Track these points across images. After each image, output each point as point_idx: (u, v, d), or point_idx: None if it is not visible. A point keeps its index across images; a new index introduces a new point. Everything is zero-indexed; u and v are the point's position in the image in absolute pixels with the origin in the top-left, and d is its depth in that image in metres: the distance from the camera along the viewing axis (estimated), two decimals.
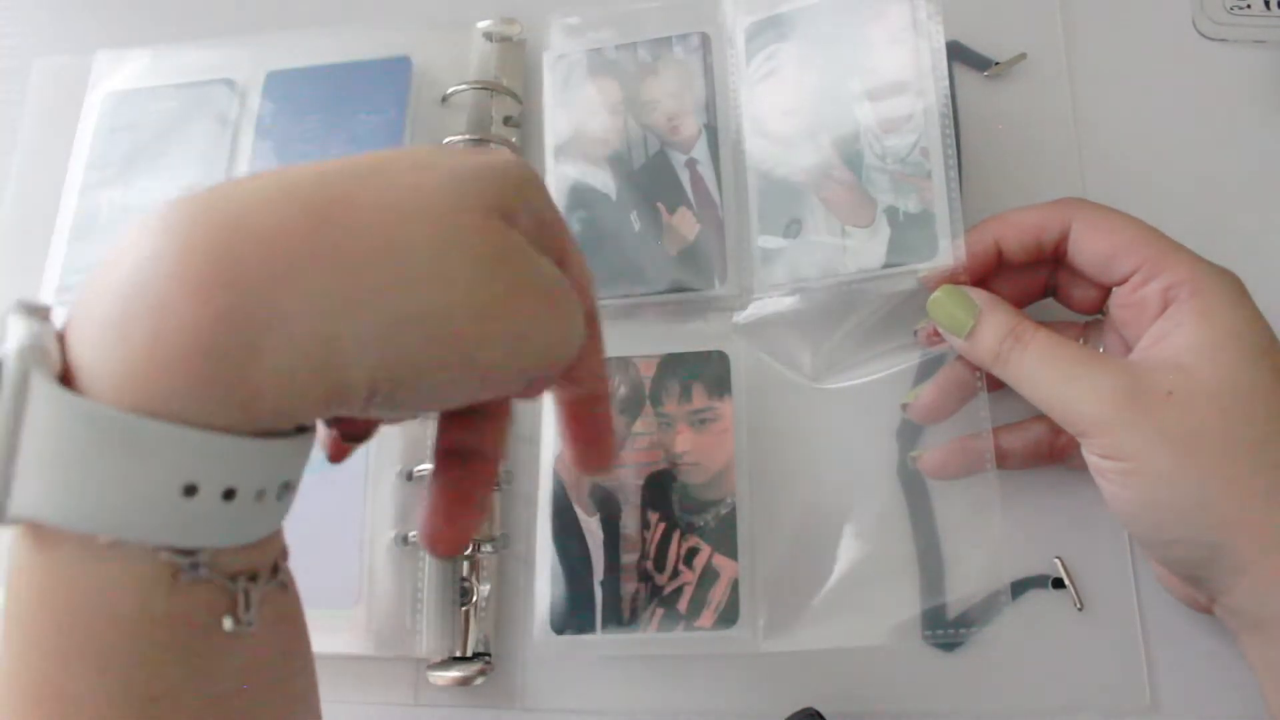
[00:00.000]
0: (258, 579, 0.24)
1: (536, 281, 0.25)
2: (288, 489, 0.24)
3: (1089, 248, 0.34)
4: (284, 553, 0.26)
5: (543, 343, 0.26)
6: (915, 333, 0.38)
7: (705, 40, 0.45)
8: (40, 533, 0.21)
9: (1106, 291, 0.36)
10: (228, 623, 0.23)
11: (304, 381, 0.22)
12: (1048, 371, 0.33)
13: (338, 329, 0.22)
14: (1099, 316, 0.37)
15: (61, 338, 0.21)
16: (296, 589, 0.27)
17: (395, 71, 0.47)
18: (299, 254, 0.22)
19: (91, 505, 0.20)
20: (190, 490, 0.21)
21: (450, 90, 0.47)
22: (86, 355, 0.21)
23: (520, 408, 0.44)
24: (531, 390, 0.29)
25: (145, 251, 0.21)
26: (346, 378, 0.22)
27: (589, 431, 0.33)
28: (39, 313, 0.22)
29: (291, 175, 0.23)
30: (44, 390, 0.20)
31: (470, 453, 0.30)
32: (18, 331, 0.21)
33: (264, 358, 0.21)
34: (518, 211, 0.26)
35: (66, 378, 0.21)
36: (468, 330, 0.24)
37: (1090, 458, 0.33)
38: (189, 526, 0.22)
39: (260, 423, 0.22)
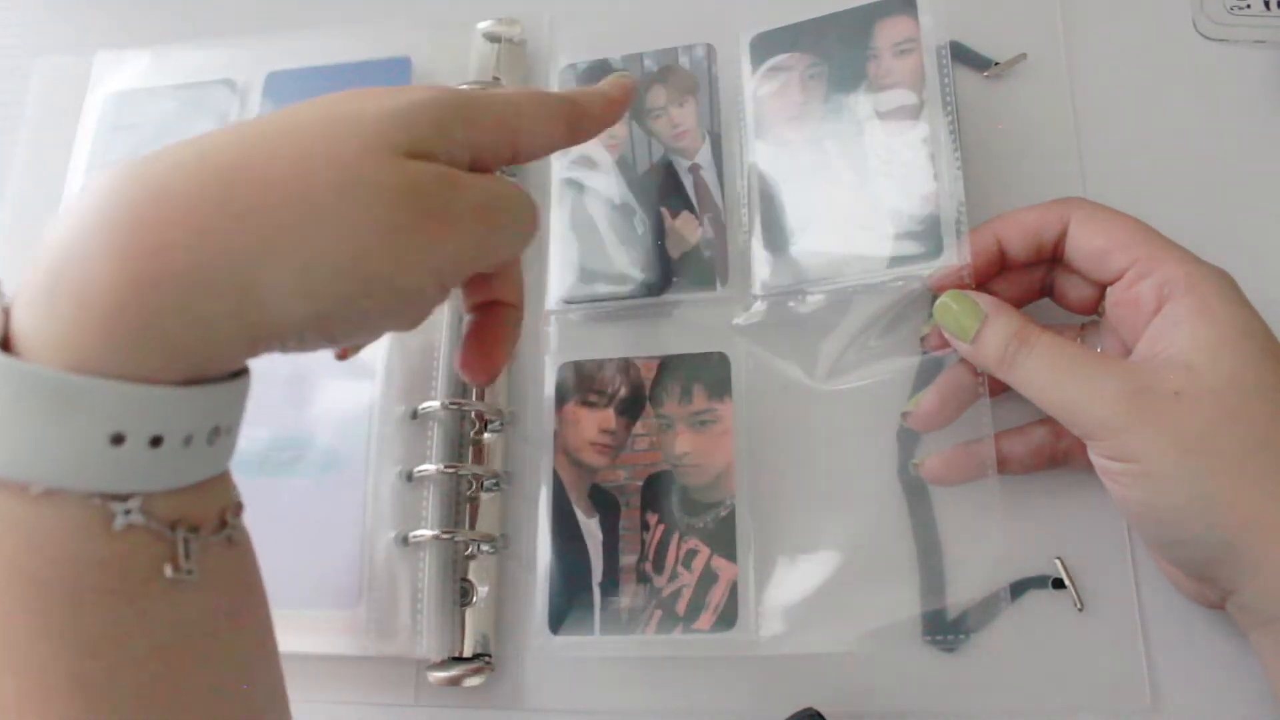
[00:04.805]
0: (199, 529, 0.25)
1: (456, 204, 0.27)
2: (218, 433, 0.25)
3: (1085, 243, 0.35)
4: (236, 508, 0.27)
5: (471, 254, 0.28)
6: (922, 339, 0.39)
7: (711, 51, 0.45)
8: None
9: (1102, 290, 0.36)
10: (168, 569, 0.24)
11: (226, 330, 0.23)
12: (1054, 375, 0.33)
13: (253, 277, 0.23)
14: (1095, 318, 0.37)
15: (8, 310, 0.23)
16: (251, 549, 0.28)
17: (395, 72, 0.47)
18: (213, 214, 0.23)
19: (26, 456, 0.22)
20: (118, 439, 0.23)
21: None
22: (25, 321, 0.23)
23: (521, 409, 0.44)
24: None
25: (74, 224, 0.23)
26: (268, 320, 0.24)
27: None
28: None
29: (212, 140, 0.25)
30: None
31: (494, 302, 0.34)
32: None
33: (183, 312, 0.23)
34: (433, 145, 0.27)
35: (8, 343, 0.23)
36: (381, 264, 0.25)
37: (1098, 460, 0.33)
38: (118, 473, 0.23)
39: (188, 372, 0.24)
